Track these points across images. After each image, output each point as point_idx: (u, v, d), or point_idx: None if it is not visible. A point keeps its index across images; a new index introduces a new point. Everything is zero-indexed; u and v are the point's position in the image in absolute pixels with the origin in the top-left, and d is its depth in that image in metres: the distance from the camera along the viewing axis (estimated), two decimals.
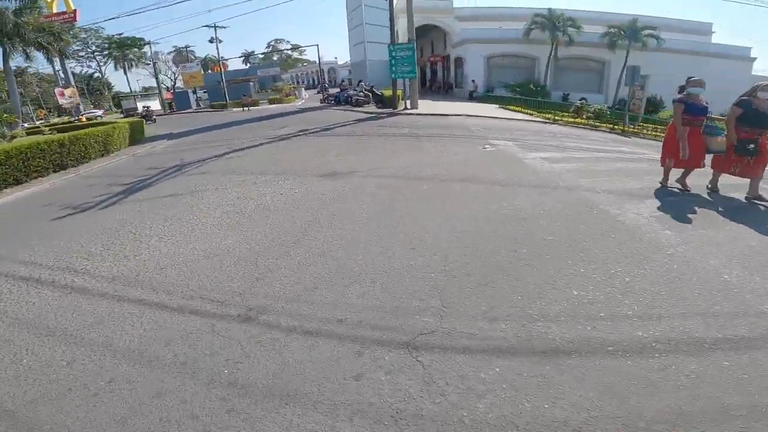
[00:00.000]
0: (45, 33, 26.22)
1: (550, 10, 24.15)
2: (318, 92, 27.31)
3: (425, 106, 16.74)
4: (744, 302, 2.54)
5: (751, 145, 4.39)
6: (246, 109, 25.55)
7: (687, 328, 2.33)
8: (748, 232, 3.56)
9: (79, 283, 3.48)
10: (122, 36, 45.36)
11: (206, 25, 35.11)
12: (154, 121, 22.66)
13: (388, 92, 16.93)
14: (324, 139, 10.16)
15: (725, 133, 4.77)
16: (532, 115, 15.96)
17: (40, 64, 37.00)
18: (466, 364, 2.16)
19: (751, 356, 2.11)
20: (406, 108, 15.58)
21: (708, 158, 4.99)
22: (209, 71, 40.46)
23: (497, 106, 20.01)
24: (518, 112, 17.19)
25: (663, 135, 14.92)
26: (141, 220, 5.03)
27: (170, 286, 3.28)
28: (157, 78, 39.18)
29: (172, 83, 53.82)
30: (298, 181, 5.94)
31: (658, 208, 4.24)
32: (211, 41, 35.53)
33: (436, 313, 2.61)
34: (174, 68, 54.53)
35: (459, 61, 29.03)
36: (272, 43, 66.28)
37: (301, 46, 46.91)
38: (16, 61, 28.99)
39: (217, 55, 35.51)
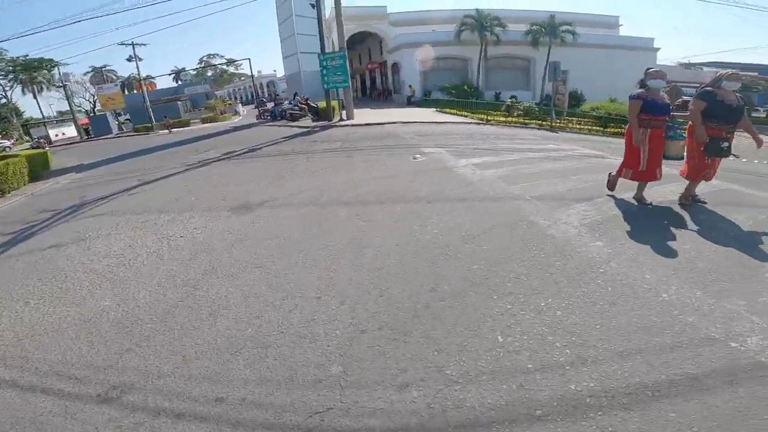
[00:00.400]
0: None
1: (477, 10, 24.90)
2: (255, 107, 26.12)
3: (362, 115, 16.38)
4: (687, 327, 2.28)
5: (725, 144, 3.86)
6: (170, 131, 23.75)
7: (626, 372, 2.00)
8: (682, 238, 3.43)
9: None
10: (27, 58, 40.91)
11: (122, 43, 32.38)
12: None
13: (323, 104, 16.38)
14: (248, 162, 9.38)
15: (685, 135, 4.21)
16: (466, 116, 16.15)
17: None
18: None
19: (701, 401, 1.81)
20: (341, 119, 15.10)
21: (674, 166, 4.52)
22: (134, 91, 37.49)
23: (434, 109, 20.15)
24: (454, 114, 17.36)
25: (587, 128, 15.86)
26: (12, 280, 4.08)
27: (25, 360, 2.64)
28: (69, 101, 35.49)
29: (92, 106, 49.39)
30: (205, 218, 5.20)
31: (587, 215, 4.06)
32: (129, 60, 33.00)
33: (336, 382, 2.10)
34: (93, 90, 50.03)
35: (396, 67, 29.16)
36: (205, 59, 62.81)
37: (236, 60, 44.74)
38: None
39: (139, 75, 32.94)
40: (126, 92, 44.32)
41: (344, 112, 15.55)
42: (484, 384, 2.01)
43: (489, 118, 15.07)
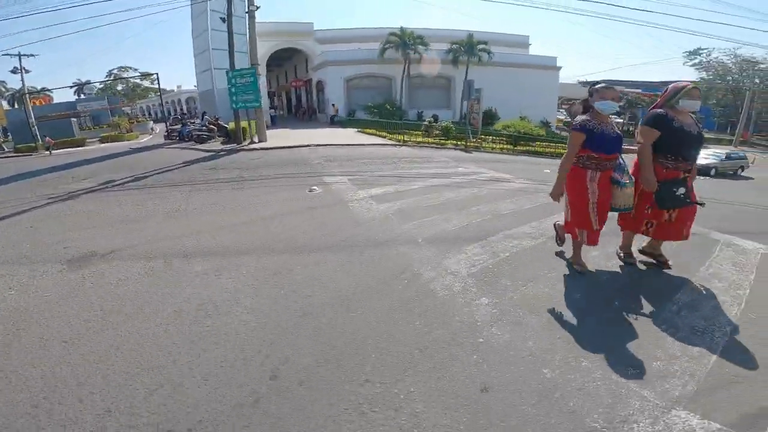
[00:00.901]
0: None
1: (402, 28, 25.36)
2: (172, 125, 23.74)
3: (276, 138, 15.42)
4: (573, 419, 1.86)
5: (681, 190, 2.93)
6: (50, 152, 20.65)
7: None
8: (579, 290, 3.15)
9: None
10: None
11: (7, 54, 27.82)
12: None
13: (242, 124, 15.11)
14: (123, 195, 8.01)
15: (631, 180, 3.15)
16: (385, 137, 15.99)
17: None
18: None
19: None
20: (252, 142, 14.03)
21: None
22: (26, 105, 32.30)
23: (356, 130, 19.85)
24: (373, 135, 17.15)
25: (500, 147, 16.58)
26: None
27: None
28: None
29: None
30: (30, 273, 4.01)
31: (478, 260, 3.69)
32: (14, 72, 28.54)
33: None
34: None
35: (320, 85, 28.62)
36: (115, 71, 56.43)
37: (151, 74, 40.52)
38: None
39: (33, 87, 28.56)
40: (15, 106, 38.17)
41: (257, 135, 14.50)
42: None
43: (406, 139, 15.05)
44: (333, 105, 25.75)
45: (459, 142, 15.42)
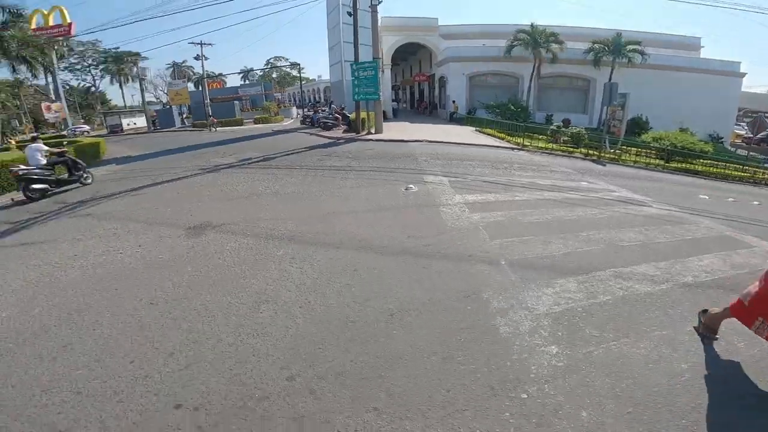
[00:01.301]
0: (29, 47, 25.62)
1: (532, 25, 23.39)
2: (308, 111, 26.82)
3: (393, 130, 15.84)
4: None
5: None
6: (210, 130, 24.88)
7: None
8: (694, 361, 2.43)
9: None
10: (118, 50, 45.39)
11: (191, 42, 34.82)
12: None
13: (363, 115, 16.01)
14: (252, 173, 9.17)
15: None
16: (503, 140, 14.98)
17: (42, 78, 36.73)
18: None
19: None
20: (369, 133, 14.66)
21: None
22: (203, 88, 40.17)
23: (474, 129, 19.09)
24: (491, 136, 16.23)
25: (645, 161, 14.01)
26: None
27: None
28: (142, 93, 38.86)
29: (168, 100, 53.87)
30: (159, 234, 4.91)
31: (565, 298, 3.13)
32: (197, 58, 35.36)
33: None
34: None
35: (442, 81, 28.33)
36: (271, 61, 66.15)
37: (298, 64, 46.36)
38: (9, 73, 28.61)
39: (212, 72, 35.37)
40: (198, 88, 47.73)
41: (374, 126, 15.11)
42: None
43: (527, 143, 13.82)
44: (453, 102, 25.23)
45: (591, 152, 13.54)
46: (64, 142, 15.33)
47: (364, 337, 2.60)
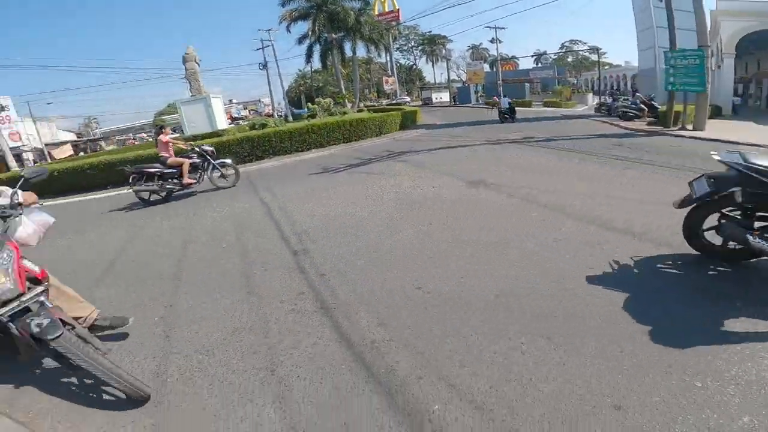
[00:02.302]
0: (375, 30, 33.45)
1: None
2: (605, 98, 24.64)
3: (722, 129, 12.48)
4: None
5: None
6: (493, 107, 26.65)
7: None
8: None
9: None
10: (432, 33, 54.36)
11: (487, 26, 37.43)
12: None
13: (677, 108, 13.50)
14: (529, 149, 9.82)
15: None
16: None
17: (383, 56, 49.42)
18: None
19: None
20: (683, 128, 12.19)
21: None
22: (497, 69, 43.21)
23: None
24: None
25: None
26: (332, 184, 7.19)
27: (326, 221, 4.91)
28: (448, 72, 45.51)
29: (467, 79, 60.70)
30: (446, 182, 6.62)
31: None
32: (492, 42, 37.81)
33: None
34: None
35: None
36: (566, 44, 62.13)
37: (598, 48, 41.93)
38: (365, 53, 39.47)
39: (505, 54, 37.62)
40: (492, 69, 51.49)
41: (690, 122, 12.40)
42: None
43: None
44: None
45: None
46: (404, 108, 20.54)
47: (572, 291, 2.86)
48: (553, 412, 1.84)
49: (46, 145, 33.57)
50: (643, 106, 15.68)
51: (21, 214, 2.03)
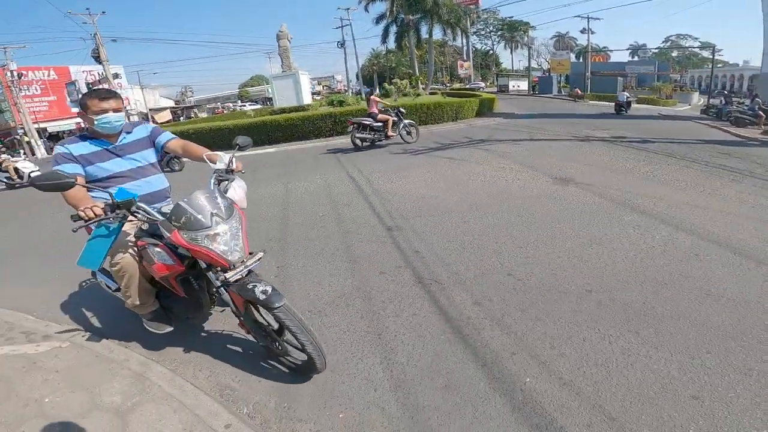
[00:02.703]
0: (453, 13, 32.55)
1: None
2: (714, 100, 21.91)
3: None
4: None
5: None
6: (575, 100, 24.92)
7: None
8: None
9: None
10: (512, 19, 51.33)
11: (578, 16, 34.39)
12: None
13: None
14: (620, 150, 9.14)
15: None
16: None
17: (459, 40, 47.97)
18: None
19: None
20: None
21: None
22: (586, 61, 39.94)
23: None
24: None
25: None
26: (414, 164, 7.45)
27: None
28: (529, 60, 42.97)
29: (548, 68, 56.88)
30: (531, 176, 6.49)
31: None
32: (582, 32, 34.81)
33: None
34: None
35: None
36: (672, 38, 55.01)
37: (710, 44, 36.49)
38: (441, 35, 38.71)
39: (596, 45, 34.64)
40: (580, 60, 47.63)
41: None
42: None
43: None
44: None
45: None
46: (481, 95, 20.12)
47: (664, 295, 2.79)
48: (635, 394, 1.99)
49: (150, 110, 37.78)
50: (761, 112, 13.80)
51: (235, 179, 2.22)
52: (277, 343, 2.22)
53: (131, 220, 2.08)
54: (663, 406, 1.91)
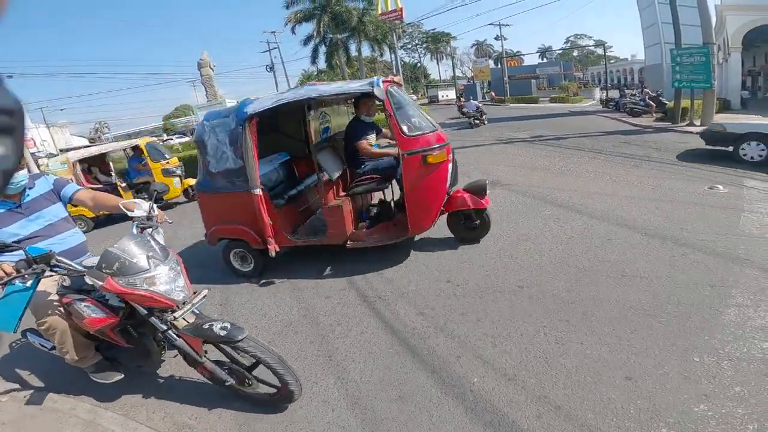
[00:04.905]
0: (379, 30, 33.57)
1: None
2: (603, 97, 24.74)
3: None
4: None
5: None
6: (499, 104, 26.82)
7: None
8: None
9: None
10: (435, 31, 54.34)
11: (491, 24, 37.61)
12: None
13: (685, 103, 13.65)
14: (539, 149, 10.08)
15: None
16: None
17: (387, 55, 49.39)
18: None
19: None
20: (691, 124, 12.38)
21: None
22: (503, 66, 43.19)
23: None
24: None
25: None
26: None
27: None
28: (453, 70, 45.64)
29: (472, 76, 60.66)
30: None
31: None
32: (496, 38, 37.94)
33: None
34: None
35: None
36: (571, 38, 61.93)
37: (603, 42, 41.75)
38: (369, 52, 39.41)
39: (510, 50, 37.68)
40: (497, 66, 51.47)
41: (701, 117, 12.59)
42: None
43: None
44: None
45: None
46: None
47: (586, 281, 3.21)
48: (575, 381, 2.21)
49: (61, 150, 34.35)
50: (650, 102, 15.85)
51: (157, 226, 2.15)
52: (247, 380, 2.19)
53: (50, 275, 1.95)
54: (602, 390, 2.12)
